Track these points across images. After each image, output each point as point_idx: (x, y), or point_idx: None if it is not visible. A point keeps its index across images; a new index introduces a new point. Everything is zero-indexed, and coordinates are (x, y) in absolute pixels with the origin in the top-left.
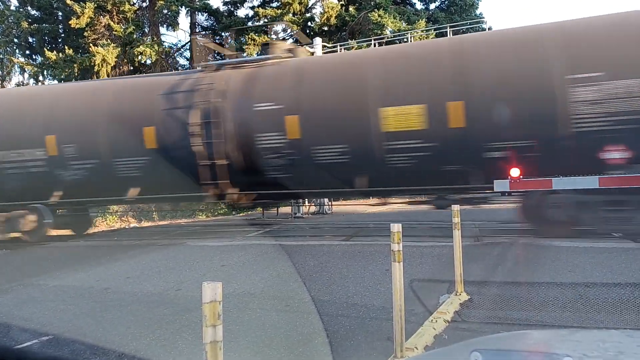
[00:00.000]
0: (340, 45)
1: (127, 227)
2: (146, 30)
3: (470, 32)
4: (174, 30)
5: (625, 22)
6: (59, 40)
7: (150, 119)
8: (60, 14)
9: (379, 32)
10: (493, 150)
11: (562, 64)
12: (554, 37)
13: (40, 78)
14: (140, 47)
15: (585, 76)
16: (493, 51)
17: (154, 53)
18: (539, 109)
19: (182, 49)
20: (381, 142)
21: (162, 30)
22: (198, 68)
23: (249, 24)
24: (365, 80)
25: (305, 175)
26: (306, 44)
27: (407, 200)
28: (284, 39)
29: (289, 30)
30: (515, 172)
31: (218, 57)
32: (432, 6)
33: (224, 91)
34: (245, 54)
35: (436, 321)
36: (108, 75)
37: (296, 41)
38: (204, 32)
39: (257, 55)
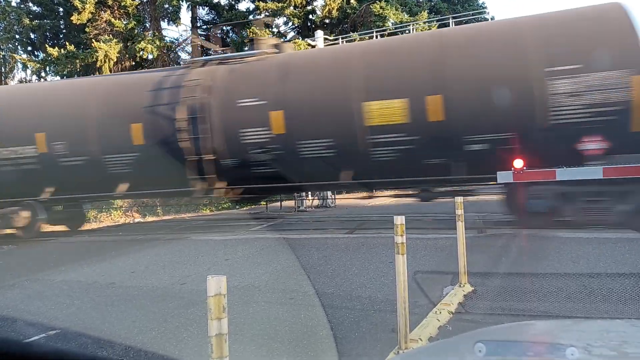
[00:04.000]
0: (342, 38)
1: (131, 222)
2: (147, 26)
3: (473, 23)
4: (175, 25)
5: (602, 15)
6: (61, 36)
7: (137, 116)
8: (61, 9)
9: (380, 24)
10: (472, 143)
11: (540, 57)
12: (533, 31)
13: (43, 74)
14: (142, 42)
15: (563, 69)
16: (472, 45)
17: (156, 48)
18: (518, 101)
19: (183, 44)
20: (365, 136)
21: (164, 25)
22: (183, 64)
23: (251, 17)
24: (349, 74)
25: (291, 169)
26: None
27: (393, 193)
28: (279, 33)
29: (290, 24)
30: (518, 163)
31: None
32: None
33: (209, 87)
34: (227, 50)
35: (440, 312)
36: (110, 71)
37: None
38: (210, 26)
39: (247, 50)
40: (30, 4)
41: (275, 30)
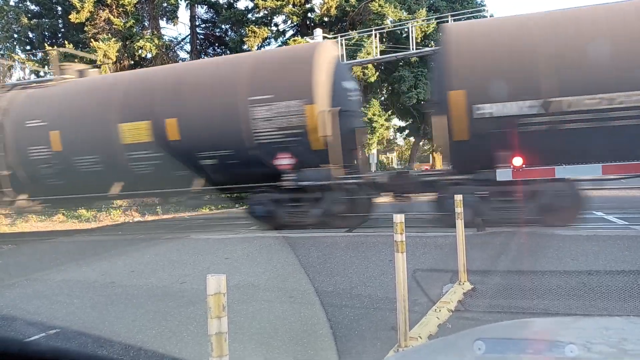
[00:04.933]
0: (341, 37)
1: (131, 221)
2: (146, 24)
3: (471, 19)
4: (173, 24)
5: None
6: (59, 35)
7: None
8: (59, 8)
9: (379, 22)
10: (205, 159)
11: (246, 89)
12: (243, 65)
13: (41, 74)
14: (140, 41)
15: (260, 98)
16: (200, 75)
17: (154, 47)
18: (231, 124)
19: (182, 42)
20: (123, 153)
21: (162, 23)
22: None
23: (249, 15)
24: (110, 99)
25: (73, 182)
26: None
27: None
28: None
29: (289, 22)
30: (517, 161)
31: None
32: None
33: (7, 109)
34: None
35: (440, 311)
36: (109, 70)
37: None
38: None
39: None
40: (29, 3)
41: (274, 28)
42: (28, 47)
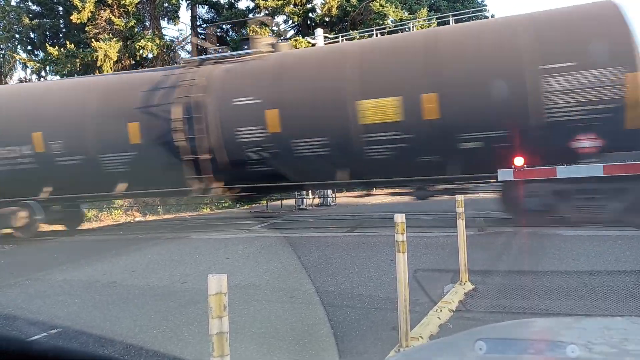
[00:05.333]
0: (342, 36)
1: (132, 221)
2: (147, 24)
3: (472, 20)
4: (174, 24)
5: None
6: (60, 35)
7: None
8: (60, 9)
9: (380, 21)
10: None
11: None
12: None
13: (43, 74)
14: (142, 41)
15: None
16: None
17: (155, 47)
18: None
19: (183, 42)
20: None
21: (163, 23)
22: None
23: (250, 15)
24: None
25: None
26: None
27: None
28: (282, 32)
29: (290, 22)
30: (519, 160)
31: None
32: None
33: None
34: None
35: (441, 311)
36: (111, 70)
37: (278, 35)
38: (208, 25)
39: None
40: (30, 3)
41: (275, 28)
42: (29, 47)
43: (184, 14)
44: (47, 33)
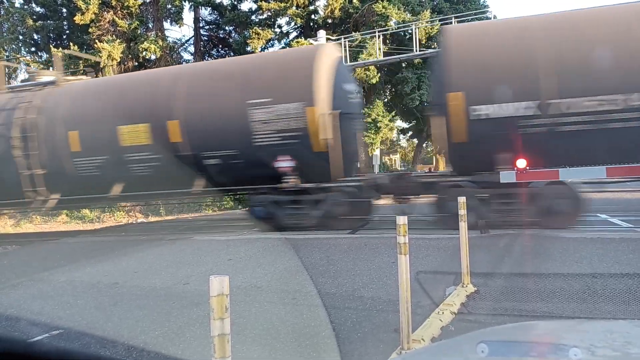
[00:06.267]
0: (345, 38)
1: (134, 222)
2: (150, 26)
3: (475, 21)
4: (178, 26)
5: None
6: (64, 37)
7: None
8: (64, 10)
9: (383, 23)
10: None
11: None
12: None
13: None
14: (145, 42)
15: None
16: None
17: (158, 49)
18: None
19: (186, 44)
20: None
21: (166, 25)
22: None
23: (253, 17)
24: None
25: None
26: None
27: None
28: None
29: (292, 24)
30: (521, 163)
31: None
32: None
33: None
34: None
35: (443, 313)
36: (114, 72)
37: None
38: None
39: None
40: (34, 5)
41: (278, 30)
42: (33, 49)
43: (187, 16)
44: (51, 34)
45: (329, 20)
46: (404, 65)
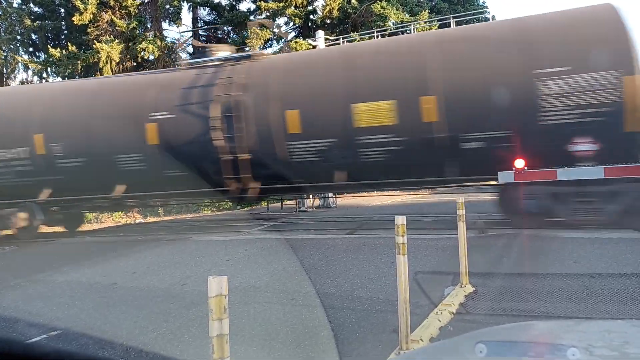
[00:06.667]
0: (343, 38)
1: (132, 222)
2: (149, 26)
3: (473, 23)
4: (176, 26)
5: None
6: (62, 37)
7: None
8: (62, 10)
9: (381, 24)
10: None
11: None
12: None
13: (44, 75)
14: (143, 43)
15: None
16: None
17: (157, 49)
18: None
19: (184, 44)
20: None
21: (165, 25)
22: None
23: (251, 17)
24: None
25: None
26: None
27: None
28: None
29: (291, 24)
30: (519, 163)
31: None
32: None
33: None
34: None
35: (441, 313)
36: (112, 72)
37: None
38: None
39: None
40: (32, 5)
41: (275, 30)
42: (31, 49)
43: (186, 16)
44: (49, 35)
45: (328, 21)
46: None
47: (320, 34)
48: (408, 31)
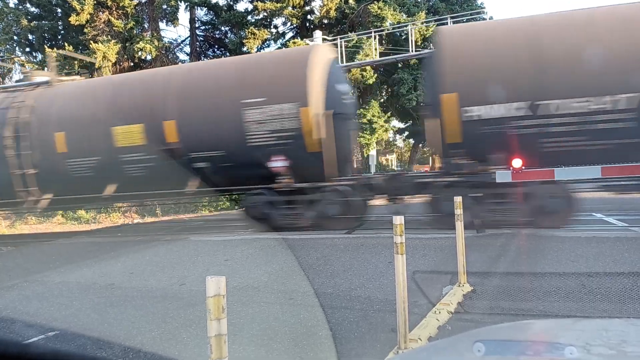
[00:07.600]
0: (341, 38)
1: (130, 223)
2: (146, 26)
3: (471, 22)
4: (173, 26)
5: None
6: (59, 37)
7: None
8: (59, 10)
9: (379, 24)
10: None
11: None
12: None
13: None
14: (140, 43)
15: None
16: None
17: (154, 49)
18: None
19: (182, 44)
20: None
21: (162, 25)
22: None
23: (249, 17)
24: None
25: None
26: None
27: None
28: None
29: (288, 24)
30: (517, 162)
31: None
32: None
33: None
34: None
35: (439, 312)
36: (110, 73)
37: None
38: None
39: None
40: (29, 5)
41: (274, 30)
42: (28, 49)
43: (183, 16)
44: (46, 35)
45: (325, 21)
46: (399, 66)
47: (318, 34)
48: (405, 31)
